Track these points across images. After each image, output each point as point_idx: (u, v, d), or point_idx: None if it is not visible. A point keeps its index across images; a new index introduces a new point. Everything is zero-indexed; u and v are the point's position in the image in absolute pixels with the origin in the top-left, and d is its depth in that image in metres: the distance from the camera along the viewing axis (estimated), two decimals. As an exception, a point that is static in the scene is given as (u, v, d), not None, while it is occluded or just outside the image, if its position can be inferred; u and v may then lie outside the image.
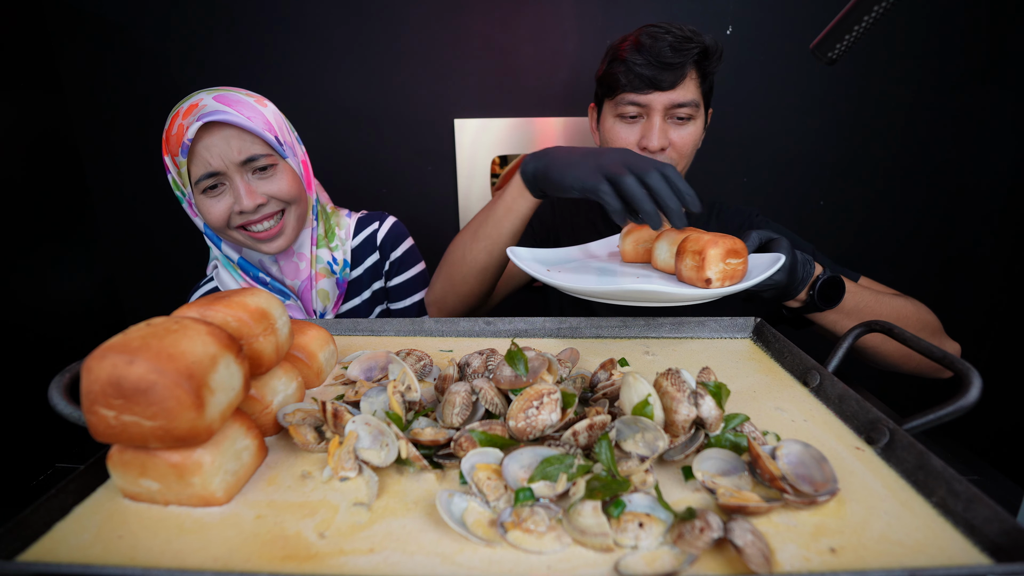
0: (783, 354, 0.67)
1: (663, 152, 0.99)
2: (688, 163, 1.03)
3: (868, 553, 0.36)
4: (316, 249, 0.99)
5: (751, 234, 0.80)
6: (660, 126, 0.97)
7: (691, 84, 0.96)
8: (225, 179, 0.86)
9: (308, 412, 0.51)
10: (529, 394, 0.47)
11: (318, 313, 1.00)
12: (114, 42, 1.49)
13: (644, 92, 0.96)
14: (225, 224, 0.89)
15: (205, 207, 0.88)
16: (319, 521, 0.40)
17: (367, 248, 1.06)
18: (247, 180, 0.87)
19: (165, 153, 0.87)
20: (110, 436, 0.39)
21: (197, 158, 0.84)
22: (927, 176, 1.54)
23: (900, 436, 0.46)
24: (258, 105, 0.89)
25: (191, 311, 0.47)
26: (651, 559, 0.36)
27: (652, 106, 0.96)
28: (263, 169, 0.89)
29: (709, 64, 0.97)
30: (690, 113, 0.98)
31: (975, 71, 1.45)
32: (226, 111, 0.83)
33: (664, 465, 0.46)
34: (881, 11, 0.64)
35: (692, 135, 1.00)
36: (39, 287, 1.45)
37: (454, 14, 1.45)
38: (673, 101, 0.96)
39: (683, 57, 0.93)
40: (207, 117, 0.81)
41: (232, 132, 0.84)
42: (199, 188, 0.87)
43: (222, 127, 0.84)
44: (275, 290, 0.96)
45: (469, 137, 1.54)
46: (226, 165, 0.85)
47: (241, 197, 0.86)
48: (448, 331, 0.78)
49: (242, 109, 0.86)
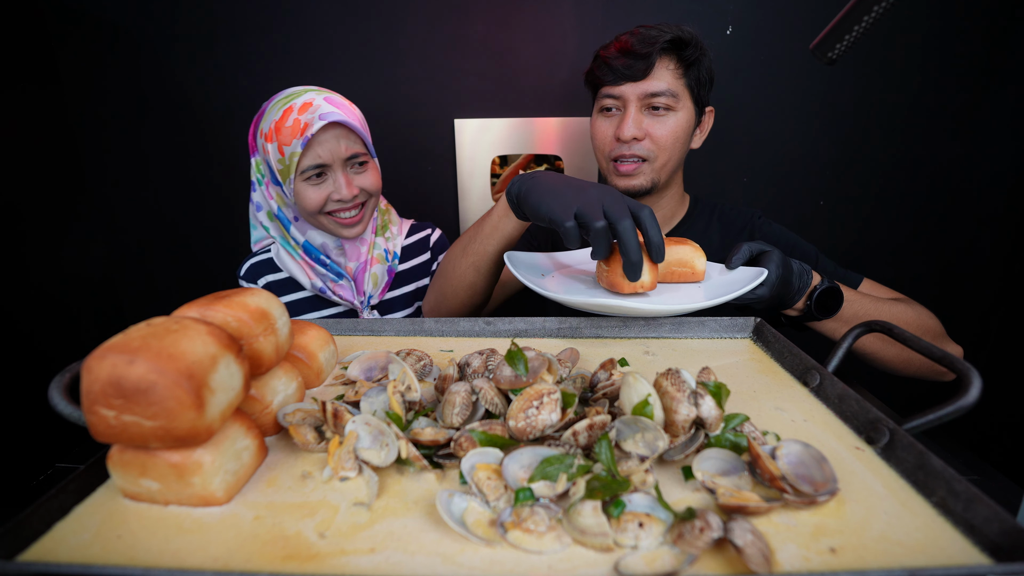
0: (783, 354, 0.67)
1: (639, 143, 0.99)
2: (673, 157, 1.02)
3: (868, 553, 0.36)
4: (375, 237, 1.12)
5: (741, 247, 0.80)
6: (635, 116, 0.97)
7: (666, 74, 0.96)
8: (328, 171, 0.99)
9: (308, 412, 0.51)
10: (529, 394, 0.47)
11: (367, 295, 1.10)
12: (113, 40, 1.49)
13: (618, 84, 0.97)
14: (319, 209, 1.00)
15: (305, 193, 0.99)
16: (319, 521, 0.40)
17: (419, 248, 1.20)
18: (347, 173, 1.00)
19: (267, 140, 0.97)
20: (110, 436, 0.39)
21: (309, 151, 0.95)
22: (927, 176, 1.54)
23: (900, 436, 0.46)
24: (353, 108, 1.02)
25: (191, 311, 0.47)
26: (651, 559, 0.36)
27: (626, 97, 0.98)
28: (360, 164, 1.02)
29: (687, 53, 0.96)
30: (667, 103, 0.97)
31: (975, 71, 1.45)
32: (339, 113, 0.95)
33: (664, 465, 0.46)
34: (881, 11, 0.64)
35: (672, 127, 0.99)
36: (39, 287, 1.45)
37: (454, 14, 1.45)
38: (646, 91, 0.96)
39: (650, 46, 0.93)
40: (328, 117, 0.93)
41: (342, 131, 0.97)
42: (303, 176, 0.98)
43: (334, 126, 0.96)
44: (331, 271, 1.07)
45: (469, 137, 1.54)
46: (333, 159, 0.97)
47: (341, 187, 0.99)
48: (448, 331, 0.78)
49: (347, 112, 0.98)
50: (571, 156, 1.55)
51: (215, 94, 1.54)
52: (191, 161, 1.60)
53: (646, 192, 1.02)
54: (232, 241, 1.66)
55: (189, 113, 1.56)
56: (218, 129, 1.57)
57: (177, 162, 1.61)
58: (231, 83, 1.53)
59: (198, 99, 1.54)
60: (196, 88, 1.54)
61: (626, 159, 1.00)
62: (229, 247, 1.66)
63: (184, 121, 1.56)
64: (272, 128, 0.95)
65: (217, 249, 1.68)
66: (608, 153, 1.02)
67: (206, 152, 1.59)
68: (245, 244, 1.24)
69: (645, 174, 1.01)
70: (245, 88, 1.53)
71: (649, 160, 1.00)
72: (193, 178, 1.62)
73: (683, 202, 1.15)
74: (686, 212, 1.14)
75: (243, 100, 1.54)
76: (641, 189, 1.02)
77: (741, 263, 0.80)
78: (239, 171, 1.61)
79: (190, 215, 1.65)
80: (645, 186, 1.01)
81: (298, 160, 0.95)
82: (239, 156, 1.60)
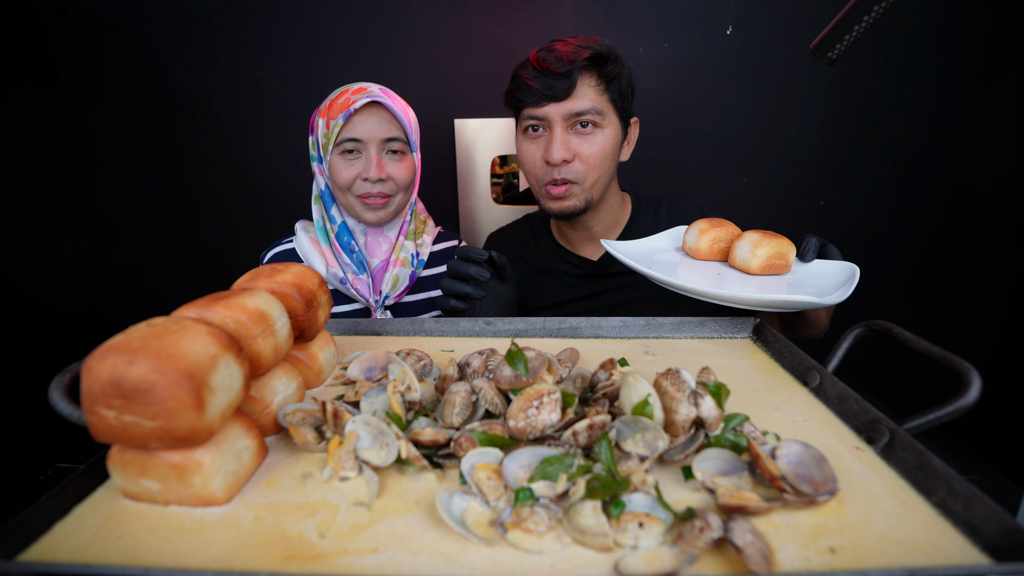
0: (783, 354, 0.67)
1: (568, 165, 0.98)
2: (604, 175, 1.01)
3: (868, 553, 0.36)
4: (404, 240, 1.13)
5: (811, 239, 0.82)
6: (562, 138, 0.96)
7: (589, 91, 0.95)
8: (363, 148, 1.02)
9: (308, 412, 0.51)
10: (529, 394, 0.47)
11: (382, 295, 1.10)
12: (113, 41, 1.49)
13: (540, 105, 0.96)
14: (348, 187, 1.04)
15: (338, 167, 1.03)
16: (320, 521, 0.40)
17: (443, 257, 1.22)
18: (380, 155, 1.03)
19: (321, 116, 1.03)
20: (110, 436, 0.39)
21: (350, 125, 1.00)
22: (927, 176, 1.54)
23: (900, 436, 0.46)
24: (406, 106, 1.07)
25: (189, 312, 0.47)
26: (651, 559, 0.36)
27: (550, 118, 0.96)
28: (395, 152, 1.04)
29: (607, 69, 0.95)
30: (593, 120, 0.96)
31: (975, 71, 1.45)
32: (386, 98, 1.01)
33: (664, 465, 0.46)
34: (881, 11, 0.64)
35: (600, 145, 0.98)
36: (40, 287, 1.45)
37: (454, 14, 1.45)
38: (570, 111, 0.95)
39: (570, 65, 0.92)
40: (374, 97, 0.99)
41: (385, 115, 1.01)
42: (339, 148, 1.02)
43: (379, 108, 1.01)
44: (356, 262, 1.09)
45: (469, 137, 1.54)
46: (370, 137, 1.01)
47: (371, 166, 1.01)
48: (448, 331, 0.78)
49: (396, 102, 1.03)
50: (571, 156, 1.55)
51: (215, 94, 1.54)
52: (191, 161, 1.60)
53: (580, 212, 1.02)
54: (232, 241, 1.66)
55: (189, 114, 1.56)
56: (218, 129, 1.57)
57: (177, 162, 1.61)
58: (231, 83, 1.53)
59: (198, 100, 1.54)
60: (196, 88, 1.54)
61: (557, 183, 0.99)
62: (229, 247, 1.66)
63: (184, 121, 1.56)
64: (327, 105, 1.02)
65: (217, 249, 1.67)
66: (540, 177, 1.01)
67: (206, 153, 1.59)
68: (246, 244, 1.24)
69: (577, 196, 1.00)
70: (245, 88, 1.53)
71: (579, 182, 0.99)
72: (193, 178, 1.62)
73: (624, 204, 1.14)
74: (631, 212, 1.14)
75: (243, 100, 1.54)
76: (575, 210, 1.01)
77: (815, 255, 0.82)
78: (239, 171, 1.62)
79: (190, 215, 1.65)
80: (579, 207, 1.01)
81: (338, 132, 1.00)
82: (239, 156, 1.61)
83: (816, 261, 0.83)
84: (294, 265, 0.61)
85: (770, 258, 0.79)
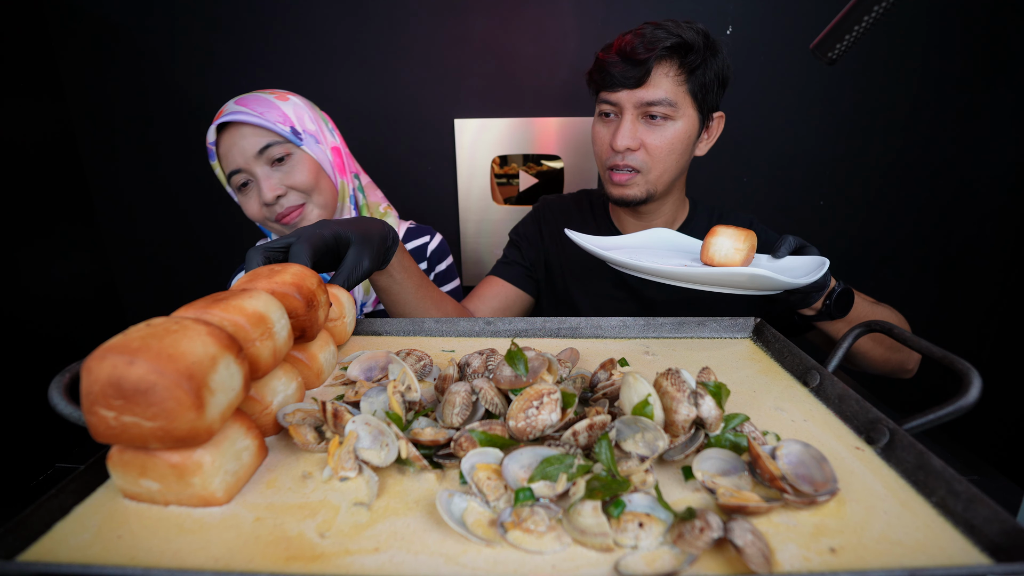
0: (783, 354, 0.67)
1: (633, 153, 0.96)
2: (670, 168, 0.99)
3: (868, 553, 0.36)
4: None
5: (787, 238, 0.80)
6: (630, 126, 0.94)
7: (665, 81, 0.92)
8: (250, 175, 0.92)
9: (308, 412, 0.51)
10: (529, 394, 0.47)
11: (358, 302, 1.04)
12: (115, 44, 1.49)
13: (614, 90, 0.94)
14: (262, 218, 0.96)
15: (243, 204, 0.96)
16: (320, 521, 0.40)
17: (415, 256, 1.12)
18: (266, 172, 0.92)
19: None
20: (110, 437, 0.39)
21: (224, 159, 0.93)
22: (927, 176, 1.54)
23: (900, 436, 0.46)
24: (277, 101, 0.94)
25: (188, 313, 0.47)
26: (651, 559, 0.36)
27: (622, 104, 0.95)
28: (280, 160, 0.93)
29: (690, 59, 0.91)
30: (665, 112, 0.93)
31: (975, 71, 1.45)
32: (239, 111, 0.90)
33: (664, 465, 0.46)
34: (881, 11, 0.64)
35: (669, 137, 0.95)
36: (40, 288, 1.45)
37: (454, 14, 1.45)
38: (642, 99, 0.93)
39: (649, 51, 0.89)
40: (221, 119, 0.89)
41: (248, 130, 0.90)
42: (234, 186, 0.94)
43: (239, 127, 0.90)
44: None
45: (469, 137, 1.54)
46: (246, 160, 0.91)
47: (262, 190, 0.91)
48: (448, 331, 0.78)
49: (255, 106, 0.90)
50: (570, 156, 1.55)
51: (216, 95, 1.53)
52: (191, 162, 1.60)
53: (641, 202, 1.01)
54: (232, 242, 1.66)
55: (190, 114, 1.56)
56: (218, 129, 1.57)
57: (177, 163, 1.61)
58: (231, 84, 1.53)
59: (199, 100, 1.54)
60: (197, 89, 1.54)
61: (620, 169, 0.98)
62: (230, 248, 1.66)
63: (184, 122, 1.56)
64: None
65: (217, 249, 1.68)
66: (605, 161, 1.01)
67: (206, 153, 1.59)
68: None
69: (639, 185, 0.99)
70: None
71: (643, 172, 0.98)
72: (193, 179, 1.62)
73: (684, 206, 1.15)
74: (687, 216, 1.15)
75: (243, 100, 1.54)
76: (635, 199, 1.01)
77: (788, 253, 0.80)
78: (239, 171, 1.61)
79: (190, 215, 1.65)
80: (639, 196, 1.00)
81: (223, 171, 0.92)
82: (239, 156, 1.60)
83: (788, 257, 0.80)
84: (293, 265, 0.61)
85: (751, 250, 0.78)
